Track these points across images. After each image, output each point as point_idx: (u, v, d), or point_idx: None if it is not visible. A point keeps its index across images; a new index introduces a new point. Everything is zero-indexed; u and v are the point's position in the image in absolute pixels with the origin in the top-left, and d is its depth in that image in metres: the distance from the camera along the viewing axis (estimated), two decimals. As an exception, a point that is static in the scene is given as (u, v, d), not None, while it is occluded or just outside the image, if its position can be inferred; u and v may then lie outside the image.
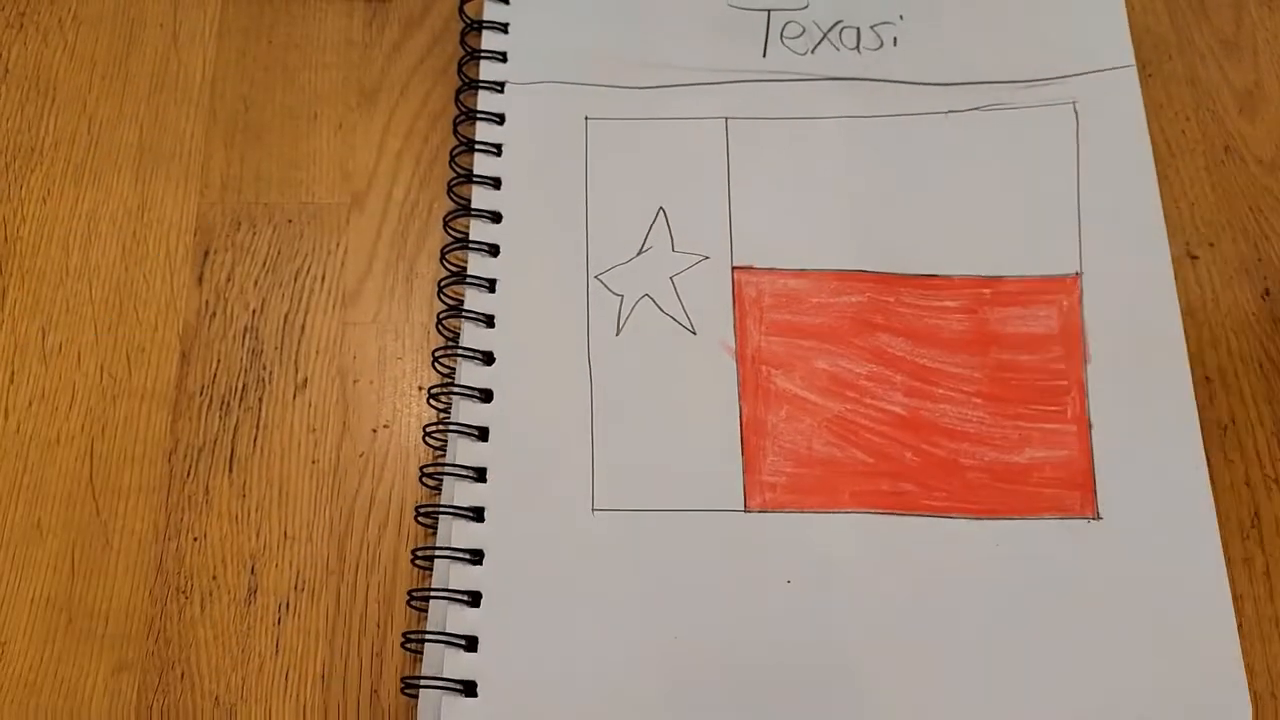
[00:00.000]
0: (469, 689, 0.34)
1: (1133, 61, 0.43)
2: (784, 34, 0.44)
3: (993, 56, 0.43)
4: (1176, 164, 0.42)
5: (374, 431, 0.39)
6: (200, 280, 0.41)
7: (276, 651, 0.36)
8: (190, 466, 0.38)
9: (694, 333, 0.39)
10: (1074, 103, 0.42)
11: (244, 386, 0.40)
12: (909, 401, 0.38)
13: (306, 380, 0.40)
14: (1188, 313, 0.39)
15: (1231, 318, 0.40)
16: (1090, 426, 0.37)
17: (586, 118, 0.42)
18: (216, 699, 0.36)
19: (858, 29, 0.44)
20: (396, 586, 0.37)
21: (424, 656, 0.35)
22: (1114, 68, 0.43)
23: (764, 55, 0.44)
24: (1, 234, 0.42)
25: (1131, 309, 0.39)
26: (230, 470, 0.38)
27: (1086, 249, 0.40)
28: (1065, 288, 0.39)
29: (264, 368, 0.40)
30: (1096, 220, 0.40)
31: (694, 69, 0.43)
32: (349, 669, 0.36)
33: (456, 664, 0.35)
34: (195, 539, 0.37)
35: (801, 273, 0.40)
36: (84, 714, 0.35)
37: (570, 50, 0.44)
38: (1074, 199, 0.41)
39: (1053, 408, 0.38)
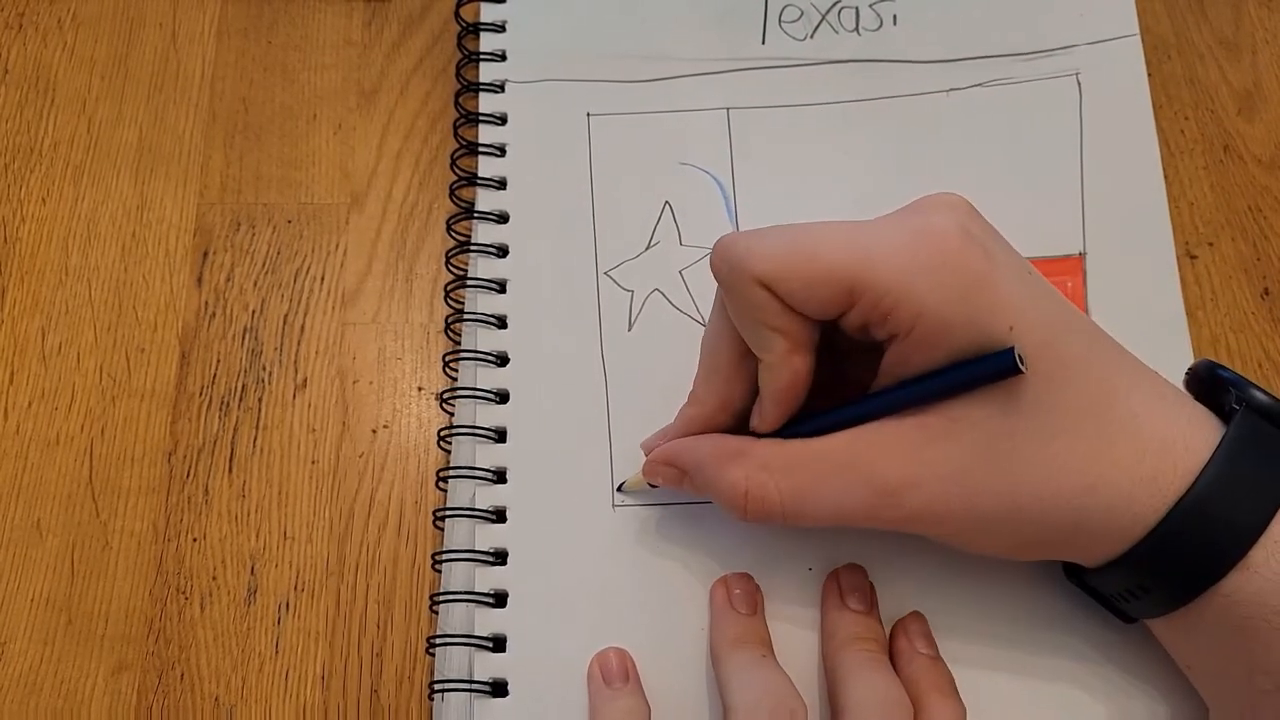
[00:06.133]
0: (499, 689, 0.35)
1: (1136, 30, 0.43)
2: (782, 18, 0.44)
3: (994, 28, 0.43)
4: (1175, 164, 0.42)
5: (374, 432, 0.39)
6: (200, 281, 0.41)
7: (276, 652, 0.36)
8: (190, 467, 0.38)
9: (705, 325, 0.39)
10: (1077, 74, 0.42)
11: (244, 387, 0.40)
12: None
13: (306, 381, 0.40)
14: (1187, 312, 0.39)
15: (1231, 317, 0.40)
16: None
17: (589, 114, 0.42)
18: (216, 699, 0.36)
19: (856, 9, 0.44)
20: (396, 587, 0.37)
21: (438, 659, 0.35)
22: (1117, 37, 0.43)
23: (763, 42, 0.44)
24: (1, 234, 0.42)
25: (1135, 288, 0.39)
26: (230, 471, 0.38)
27: (1090, 228, 0.40)
28: (1069, 268, 0.39)
29: (263, 368, 0.40)
30: (1100, 199, 0.40)
31: (693, 59, 0.43)
32: (349, 669, 0.36)
33: (486, 665, 0.35)
34: (195, 539, 0.37)
35: None
36: (83, 714, 0.35)
37: (568, 46, 0.44)
38: (1077, 176, 0.40)
39: None
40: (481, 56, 0.44)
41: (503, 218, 0.41)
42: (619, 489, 0.37)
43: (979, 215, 0.30)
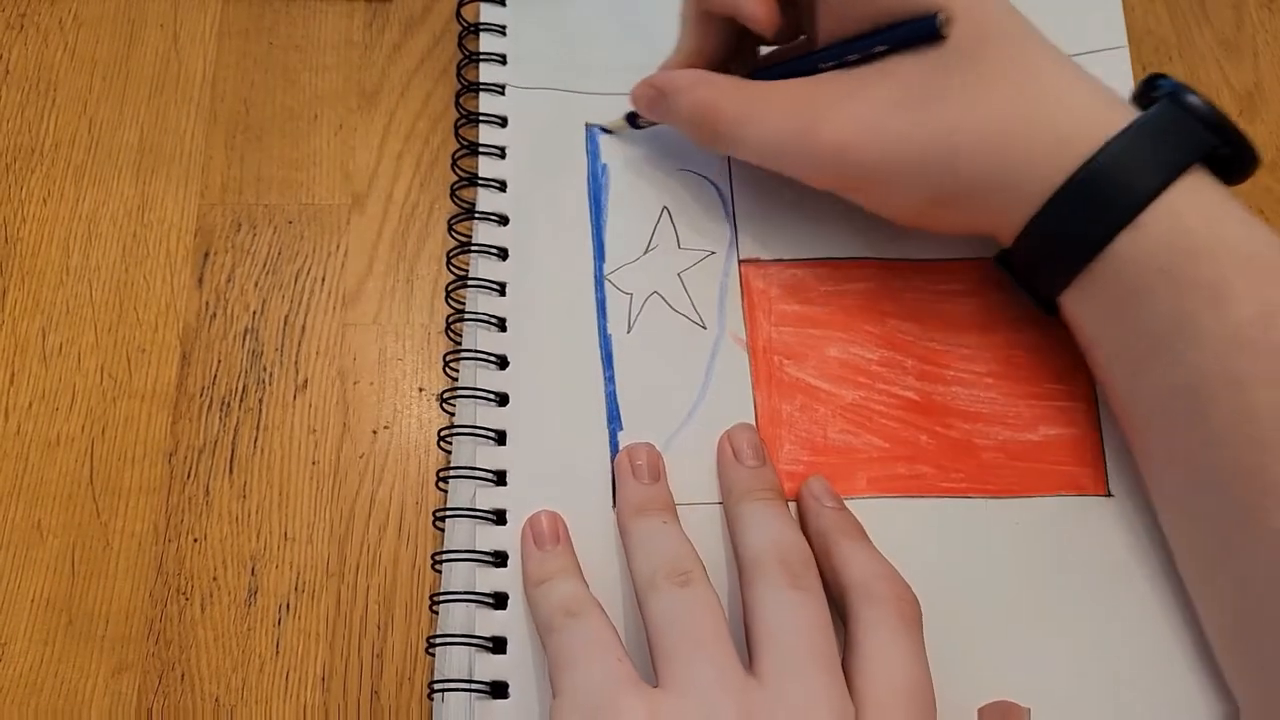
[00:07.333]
0: (499, 690, 0.34)
1: (1125, 42, 0.43)
2: None
3: None
4: (1177, 165, 0.42)
5: (374, 433, 0.39)
6: (200, 281, 0.41)
7: (277, 653, 0.36)
8: (190, 468, 0.38)
9: (704, 327, 0.39)
10: None
11: (244, 388, 0.40)
12: (921, 385, 0.38)
13: (307, 381, 0.40)
14: (1188, 314, 0.39)
15: (1232, 319, 0.40)
16: (1099, 404, 0.38)
17: (586, 124, 0.43)
18: (217, 700, 0.35)
19: None
20: (397, 588, 0.37)
21: (437, 659, 0.35)
22: (1105, 49, 0.43)
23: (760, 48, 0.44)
24: (2, 235, 0.42)
25: None
26: (230, 471, 0.38)
27: None
28: None
29: (264, 369, 0.40)
30: None
31: None
32: (349, 670, 0.36)
33: (486, 666, 0.35)
34: (195, 540, 0.37)
35: (808, 263, 0.40)
36: (84, 715, 0.35)
37: (567, 54, 0.44)
38: None
39: (1062, 386, 0.38)
40: (481, 57, 0.44)
41: (503, 219, 0.41)
42: (602, 129, 0.42)
43: None
